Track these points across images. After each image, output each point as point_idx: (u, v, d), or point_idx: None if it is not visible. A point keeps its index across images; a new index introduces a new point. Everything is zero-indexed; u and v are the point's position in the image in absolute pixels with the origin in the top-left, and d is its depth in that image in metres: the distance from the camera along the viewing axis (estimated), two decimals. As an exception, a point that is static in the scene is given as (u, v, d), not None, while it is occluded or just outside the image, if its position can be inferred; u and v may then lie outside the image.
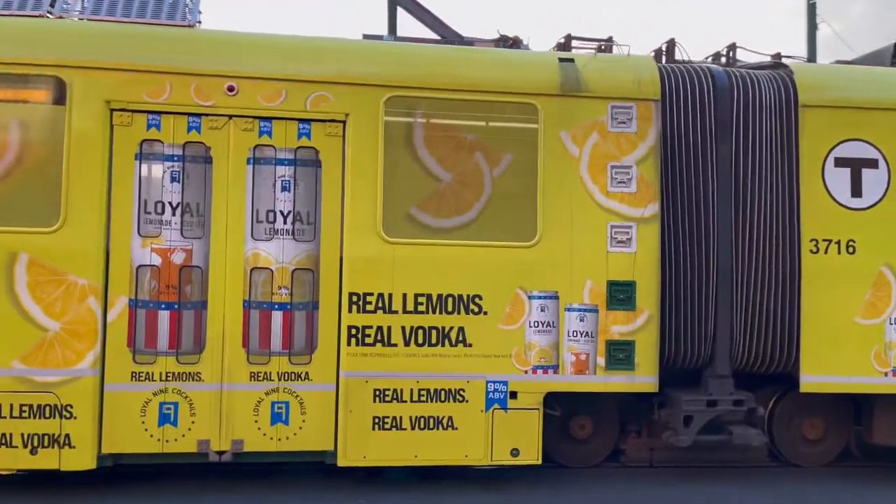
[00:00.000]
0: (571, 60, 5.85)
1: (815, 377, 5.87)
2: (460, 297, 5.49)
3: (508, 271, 5.54)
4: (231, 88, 5.34)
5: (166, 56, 5.37)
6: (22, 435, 5.05)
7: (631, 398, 6.03)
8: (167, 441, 5.24)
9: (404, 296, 5.43)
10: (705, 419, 5.85)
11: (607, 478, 6.15)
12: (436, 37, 7.20)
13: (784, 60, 6.99)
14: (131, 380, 5.21)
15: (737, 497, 5.77)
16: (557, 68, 5.74)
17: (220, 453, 5.30)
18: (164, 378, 5.24)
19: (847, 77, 6.35)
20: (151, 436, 5.22)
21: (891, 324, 5.95)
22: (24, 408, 5.06)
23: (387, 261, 5.41)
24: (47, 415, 5.08)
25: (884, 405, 6.17)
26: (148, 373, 5.23)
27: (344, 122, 5.44)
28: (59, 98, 5.20)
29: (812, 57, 6.11)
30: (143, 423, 5.20)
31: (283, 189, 5.43)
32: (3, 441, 5.04)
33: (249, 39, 5.67)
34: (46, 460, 5.08)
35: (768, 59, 7.13)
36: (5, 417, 5.04)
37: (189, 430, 5.25)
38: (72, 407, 5.09)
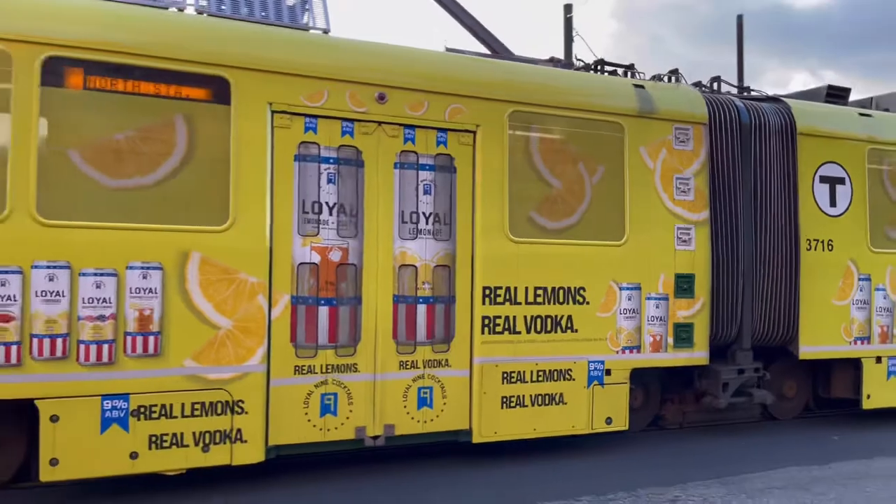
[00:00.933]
0: (643, 87, 6.89)
1: (808, 347, 7.49)
2: (569, 289, 6.32)
3: (604, 267, 6.47)
4: (381, 97, 5.68)
5: (325, 63, 5.57)
6: (194, 433, 5.07)
7: (667, 373, 7.25)
8: (328, 430, 5.51)
9: (526, 289, 6.15)
10: (737, 384, 7.24)
11: (658, 438, 7.35)
12: (486, 51, 7.84)
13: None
14: (294, 374, 5.41)
15: (765, 445, 7.22)
16: (635, 93, 6.75)
17: (375, 438, 5.67)
18: (324, 371, 5.50)
19: (823, 112, 8.04)
20: (314, 426, 5.46)
21: (853, 304, 7.73)
22: (196, 406, 5.08)
23: (513, 258, 6.09)
24: (219, 411, 5.14)
25: (841, 367, 7.97)
26: (310, 366, 5.46)
27: (474, 133, 6.01)
28: (223, 97, 5.22)
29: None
30: (306, 414, 5.43)
31: (425, 192, 5.88)
32: (175, 441, 5.03)
33: (399, 52, 6.02)
34: (218, 457, 5.14)
35: (741, 90, 8.69)
36: (177, 417, 5.03)
37: (347, 418, 5.57)
38: (243, 402, 5.19)
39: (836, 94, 8.62)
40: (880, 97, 8.97)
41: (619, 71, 7.64)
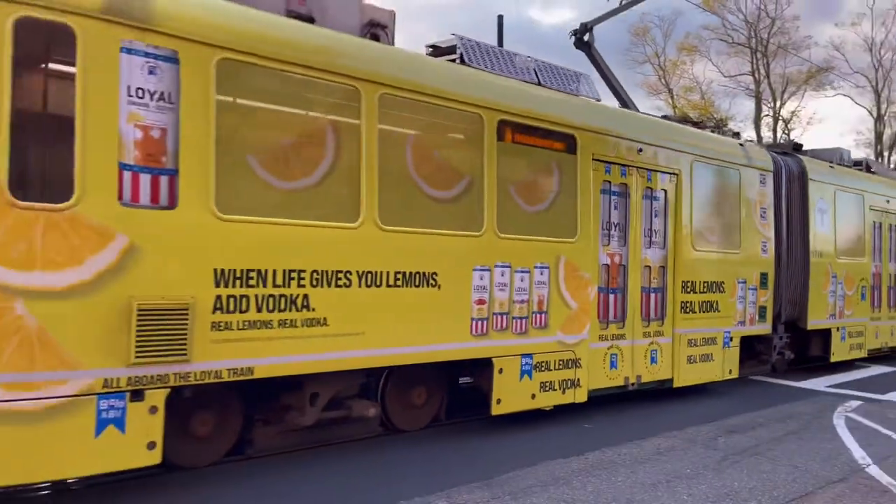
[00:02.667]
0: (743, 145, 10.20)
1: (812, 321, 11.31)
2: (717, 283, 9.41)
3: (732, 267, 9.66)
4: (640, 150, 8.33)
5: (618, 127, 8.11)
6: (559, 381, 7.41)
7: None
8: (611, 378, 8.08)
9: (703, 283, 9.16)
10: (780, 346, 10.88)
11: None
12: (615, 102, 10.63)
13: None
14: (598, 340, 7.91)
15: (529, 439, 10.78)
16: (740, 148, 10.04)
17: (631, 384, 8.33)
18: (611, 338, 8.06)
19: (819, 167, 11.94)
20: (606, 376, 8.01)
21: (830, 293, 11.74)
22: (560, 362, 7.41)
23: (694, 261, 9.04)
24: (569, 366, 7.51)
25: (815, 334, 11.95)
26: (605, 335, 7.98)
27: (678, 175, 8.87)
28: (572, 149, 7.56)
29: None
30: (603, 368, 7.95)
31: (654, 216, 8.62)
32: (551, 387, 7.33)
33: (648, 120, 8.87)
34: (567, 397, 7.52)
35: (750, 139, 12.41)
36: (552, 370, 7.32)
37: (619, 371, 8.17)
38: (580, 360, 7.60)
39: (796, 148, 12.65)
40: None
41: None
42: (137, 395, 4.70)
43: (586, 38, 10.87)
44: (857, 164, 13.64)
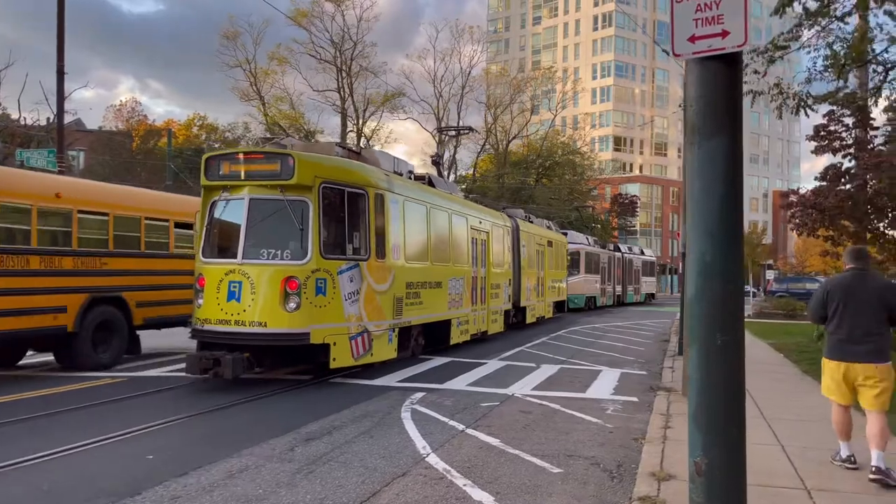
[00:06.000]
0: (507, 216, 16.51)
1: (522, 302, 21.96)
2: (501, 283, 19.30)
3: (505, 276, 19.77)
4: (480, 221, 17.84)
5: (468, 208, 17.74)
6: (469, 329, 16.38)
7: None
8: (470, 330, 17.27)
9: (496, 283, 19.05)
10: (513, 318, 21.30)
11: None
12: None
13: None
14: (471, 310, 16.98)
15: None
16: (508, 218, 20.67)
17: (481, 332, 17.66)
18: (474, 310, 17.29)
19: (520, 222, 22.58)
20: (470, 328, 17.19)
21: (526, 288, 22.42)
22: (466, 321, 16.30)
23: (493, 273, 18.78)
24: (469, 322, 16.58)
25: (521, 308, 22.22)
26: (474, 308, 17.14)
27: (488, 232, 18.52)
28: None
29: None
30: (474, 324, 17.13)
31: (482, 253, 18.11)
32: (466, 332, 16.22)
33: (478, 207, 18.99)
34: (473, 333, 16.62)
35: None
36: (468, 324, 16.11)
37: (476, 326, 17.51)
38: (469, 320, 16.75)
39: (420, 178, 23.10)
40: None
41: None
42: (393, 330, 12.36)
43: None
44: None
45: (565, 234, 31.50)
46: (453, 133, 25.75)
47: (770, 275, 55.82)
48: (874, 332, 5.98)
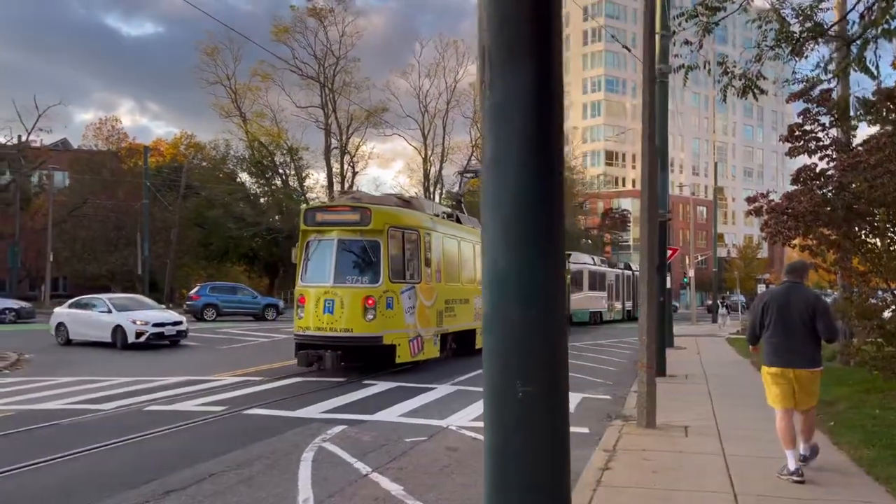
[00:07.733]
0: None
1: None
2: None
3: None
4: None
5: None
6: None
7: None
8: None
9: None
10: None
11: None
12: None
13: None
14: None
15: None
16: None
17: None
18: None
19: None
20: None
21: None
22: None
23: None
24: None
25: None
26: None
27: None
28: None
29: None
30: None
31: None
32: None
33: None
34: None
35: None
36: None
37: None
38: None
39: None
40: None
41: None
42: (437, 335, 16.36)
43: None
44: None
45: (569, 255, 34.46)
46: (471, 175, 24.97)
47: (761, 289, 55.68)
48: (806, 341, 6.39)
